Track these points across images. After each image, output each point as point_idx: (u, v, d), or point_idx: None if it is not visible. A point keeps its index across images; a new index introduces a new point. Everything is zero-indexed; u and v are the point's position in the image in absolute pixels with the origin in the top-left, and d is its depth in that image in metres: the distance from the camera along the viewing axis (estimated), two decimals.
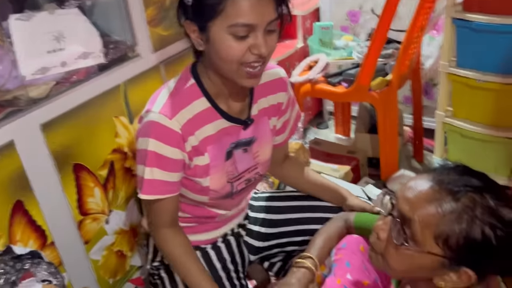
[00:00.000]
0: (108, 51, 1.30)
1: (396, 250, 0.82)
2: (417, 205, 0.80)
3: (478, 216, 0.76)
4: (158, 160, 1.05)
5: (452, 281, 0.80)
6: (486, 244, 0.76)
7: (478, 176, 0.83)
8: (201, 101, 1.08)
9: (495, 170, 1.88)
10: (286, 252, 1.41)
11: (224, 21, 0.94)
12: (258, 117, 1.18)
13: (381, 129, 1.96)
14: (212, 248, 1.31)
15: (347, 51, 2.15)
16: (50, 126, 1.14)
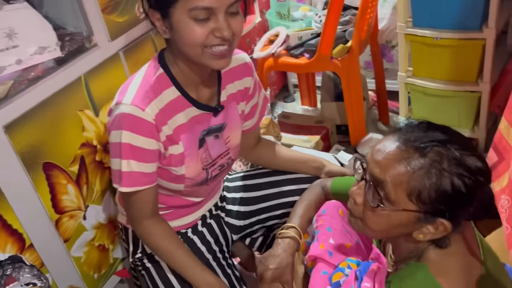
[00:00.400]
0: (64, 44, 1.26)
1: (373, 212, 0.85)
2: (387, 166, 0.82)
3: (445, 168, 0.79)
4: (134, 152, 1.04)
5: (430, 232, 0.84)
6: (457, 194, 0.79)
7: (441, 129, 0.86)
8: (171, 90, 1.07)
9: (458, 124, 1.94)
10: (266, 226, 1.43)
11: (184, 5, 0.94)
12: (227, 103, 1.18)
13: (346, 96, 1.98)
14: (193, 232, 1.32)
15: (305, 21, 2.15)
16: (13, 127, 1.10)
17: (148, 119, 1.03)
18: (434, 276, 0.85)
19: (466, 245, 0.91)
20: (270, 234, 1.48)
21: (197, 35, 0.96)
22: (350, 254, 1.12)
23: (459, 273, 0.86)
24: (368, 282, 0.90)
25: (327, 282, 1.05)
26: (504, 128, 1.39)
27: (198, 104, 1.11)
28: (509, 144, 1.36)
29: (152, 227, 1.15)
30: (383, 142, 0.87)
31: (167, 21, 0.98)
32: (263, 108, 1.35)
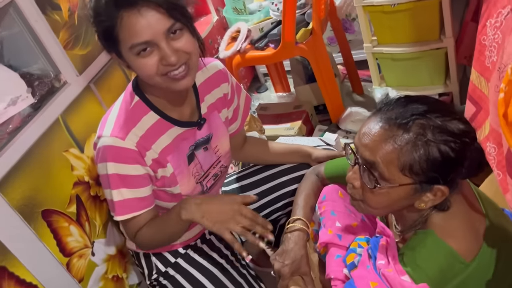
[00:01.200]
0: (35, 89, 1.25)
1: (372, 192, 0.88)
2: (375, 148, 0.85)
3: (430, 138, 0.82)
4: (123, 181, 1.06)
5: (430, 200, 0.87)
6: (446, 159, 0.83)
7: (420, 101, 0.89)
8: (150, 115, 1.08)
9: (431, 82, 1.99)
10: (271, 220, 1.46)
11: (124, 44, 0.95)
12: (208, 114, 1.20)
13: (318, 76, 2.01)
14: (202, 242, 1.34)
15: (263, 12, 2.16)
16: (4, 184, 1.09)
17: (130, 147, 1.05)
18: (442, 239, 0.89)
19: (466, 201, 0.95)
20: (277, 225, 1.51)
21: (148, 68, 0.97)
22: (358, 233, 1.15)
23: (465, 231, 0.90)
24: (382, 258, 0.93)
25: (342, 265, 1.08)
26: (475, 78, 1.44)
27: (179, 122, 1.12)
28: (483, 93, 1.41)
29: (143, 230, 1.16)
30: (367, 125, 0.89)
31: (123, 59, 1.00)
32: (245, 109, 1.37)
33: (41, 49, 1.27)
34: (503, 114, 0.81)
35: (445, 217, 0.92)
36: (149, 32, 0.92)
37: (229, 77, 1.27)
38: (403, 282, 0.85)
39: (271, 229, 1.11)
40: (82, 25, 1.40)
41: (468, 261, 0.87)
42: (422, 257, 0.89)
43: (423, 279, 0.86)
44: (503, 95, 0.82)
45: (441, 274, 0.87)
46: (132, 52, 0.95)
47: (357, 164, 0.91)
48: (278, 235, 1.52)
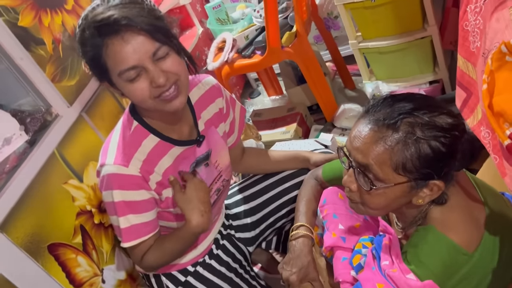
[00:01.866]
0: (27, 126, 1.26)
1: (369, 194, 0.89)
2: (367, 150, 0.86)
3: (420, 135, 0.83)
4: (129, 207, 1.07)
5: (427, 195, 0.88)
6: (438, 154, 0.84)
7: (406, 99, 0.90)
8: (150, 138, 1.09)
9: (420, 71, 2.00)
10: (276, 228, 1.46)
11: (113, 72, 0.97)
12: (206, 130, 1.21)
13: (308, 78, 2.02)
14: (210, 258, 1.34)
15: (246, 19, 2.17)
16: (7, 224, 1.10)
17: (134, 173, 1.06)
18: (443, 233, 0.90)
19: (464, 192, 0.96)
20: (282, 231, 1.52)
21: (139, 93, 0.98)
22: (361, 233, 1.16)
23: (465, 222, 0.91)
24: (387, 259, 0.94)
25: (349, 267, 1.09)
26: (462, 63, 1.44)
27: (179, 142, 1.14)
28: (472, 78, 1.41)
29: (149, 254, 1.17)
30: (356, 128, 0.91)
31: (115, 86, 1.01)
32: (241, 121, 1.38)
33: (30, 85, 1.28)
34: (488, 105, 0.82)
35: (443, 210, 0.92)
36: (135, 57, 0.93)
37: (223, 91, 1.28)
38: (409, 281, 0.85)
39: None
40: (68, 57, 1.41)
41: (471, 251, 0.88)
42: (424, 254, 0.89)
43: (428, 275, 0.86)
44: (486, 86, 0.83)
45: (445, 268, 0.87)
46: (122, 79, 0.96)
47: (352, 167, 0.92)
48: (284, 242, 1.53)
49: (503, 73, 0.81)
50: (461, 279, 0.89)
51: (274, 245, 1.55)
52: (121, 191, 1.06)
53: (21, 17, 1.27)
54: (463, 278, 0.89)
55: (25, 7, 1.29)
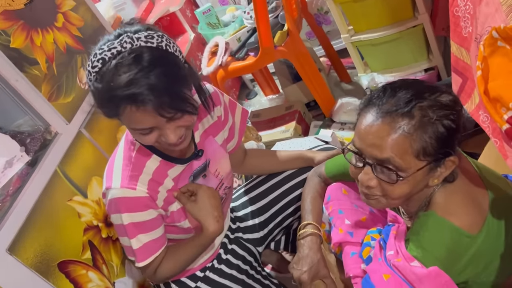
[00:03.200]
0: (28, 147, 1.26)
1: (393, 186, 0.88)
2: (385, 144, 0.85)
3: (433, 117, 0.84)
4: (139, 228, 1.08)
5: (442, 173, 0.89)
6: (451, 131, 0.85)
7: (405, 86, 0.90)
8: (153, 159, 1.10)
9: (414, 60, 2.00)
10: (284, 227, 1.47)
11: (125, 123, 0.97)
12: (202, 142, 1.21)
13: (303, 75, 2.02)
14: (219, 262, 1.35)
15: (237, 22, 2.17)
16: (15, 246, 1.10)
17: (141, 195, 1.07)
18: (443, 218, 0.89)
19: (466, 177, 0.96)
20: (290, 231, 1.52)
21: (146, 141, 0.98)
22: (368, 226, 1.16)
23: (466, 205, 0.91)
24: (392, 248, 0.94)
25: (359, 261, 1.09)
26: (456, 49, 1.44)
27: (181, 160, 1.14)
28: (466, 63, 1.41)
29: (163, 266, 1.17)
30: (365, 124, 0.89)
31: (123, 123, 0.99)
32: (242, 124, 1.37)
33: (27, 106, 1.28)
34: (483, 91, 0.82)
35: (446, 195, 0.93)
36: (152, 122, 0.93)
37: (221, 98, 1.27)
38: (413, 269, 0.85)
39: None
40: (62, 74, 1.41)
41: (474, 233, 0.87)
42: (426, 240, 0.89)
43: (432, 261, 0.86)
44: (480, 73, 0.83)
45: (449, 252, 0.87)
46: (133, 131, 0.97)
47: (368, 164, 0.90)
48: (293, 241, 1.53)
49: (496, 58, 0.81)
50: (467, 263, 0.89)
51: (283, 245, 1.56)
52: (129, 214, 1.07)
53: (13, 38, 1.28)
54: (469, 262, 0.89)
55: (16, 28, 1.30)
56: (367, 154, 0.89)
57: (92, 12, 1.69)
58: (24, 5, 1.34)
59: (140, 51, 0.89)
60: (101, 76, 0.90)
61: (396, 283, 0.85)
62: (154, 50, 0.91)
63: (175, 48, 0.96)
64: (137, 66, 0.88)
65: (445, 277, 0.82)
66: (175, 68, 0.93)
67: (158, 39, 0.93)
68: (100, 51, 0.91)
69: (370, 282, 0.90)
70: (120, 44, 0.90)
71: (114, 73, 0.88)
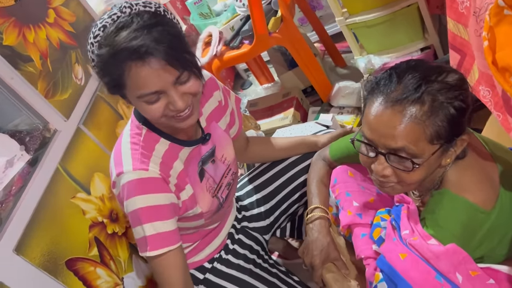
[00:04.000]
0: (28, 145, 1.24)
1: (409, 173, 0.87)
2: (399, 134, 0.83)
3: (444, 100, 0.82)
4: (154, 212, 1.03)
5: (454, 153, 0.88)
6: (461, 111, 0.84)
7: (410, 69, 0.87)
8: (161, 142, 1.08)
9: (410, 39, 1.99)
10: (290, 213, 1.46)
11: (131, 92, 0.95)
12: (208, 126, 1.20)
13: (298, 60, 2.01)
14: (226, 253, 1.34)
15: (229, 10, 2.15)
16: (22, 246, 1.09)
17: (155, 176, 1.04)
18: (458, 195, 0.89)
19: (475, 152, 0.95)
20: (296, 217, 1.52)
21: (154, 112, 0.97)
22: (377, 207, 1.16)
23: (480, 181, 0.91)
24: (406, 228, 0.93)
25: (370, 242, 1.09)
26: (453, 26, 1.43)
27: (187, 142, 1.13)
28: (464, 39, 1.40)
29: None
30: (374, 114, 0.87)
31: (126, 99, 1.00)
32: (238, 110, 1.37)
33: (24, 104, 1.26)
34: (492, 62, 0.81)
35: (458, 172, 0.92)
36: (158, 83, 0.92)
37: (218, 83, 1.26)
38: (431, 247, 0.85)
39: None
40: (57, 70, 1.39)
41: (489, 209, 0.88)
42: (442, 217, 0.89)
43: (449, 238, 0.86)
44: (487, 43, 0.82)
45: (464, 229, 0.87)
46: (141, 100, 0.95)
47: (381, 154, 0.89)
48: (299, 227, 1.53)
49: (502, 27, 0.80)
50: (483, 238, 0.89)
51: (288, 232, 1.55)
52: (144, 196, 1.02)
53: (5, 36, 1.25)
54: (484, 237, 0.89)
55: (8, 25, 1.27)
56: (379, 144, 0.87)
57: (83, 7, 1.67)
58: (15, 1, 1.31)
59: (140, 13, 0.93)
60: (103, 40, 0.91)
61: (413, 261, 0.85)
62: (153, 13, 0.95)
63: (173, 16, 0.99)
64: (137, 23, 0.90)
65: (463, 253, 0.82)
66: (176, 28, 0.96)
67: (156, 5, 0.96)
68: (100, 21, 0.94)
69: (386, 262, 0.90)
70: (120, 10, 0.93)
71: (115, 34, 0.90)
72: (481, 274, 0.81)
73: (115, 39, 0.89)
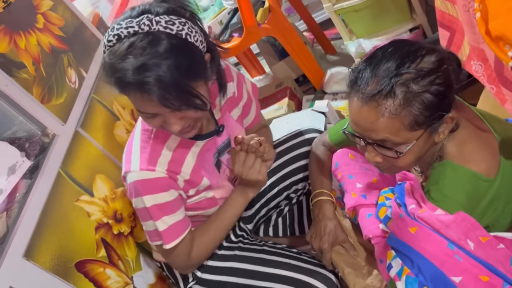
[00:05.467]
0: (28, 151, 1.24)
1: (397, 158, 0.90)
2: (377, 127, 0.87)
3: (417, 89, 0.84)
4: (162, 209, 1.07)
5: (444, 130, 0.90)
6: (440, 94, 0.85)
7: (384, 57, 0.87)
8: (172, 139, 1.09)
9: (398, 21, 2.00)
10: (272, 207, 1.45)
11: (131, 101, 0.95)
12: (222, 117, 1.20)
13: (289, 50, 2.01)
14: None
15: (216, 5, 2.15)
16: (32, 251, 1.09)
17: (161, 176, 1.06)
18: (461, 165, 0.91)
19: (472, 124, 0.97)
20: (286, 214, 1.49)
21: (152, 125, 0.98)
22: (380, 187, 1.17)
23: (481, 151, 0.92)
24: (412, 203, 0.95)
25: (377, 221, 1.10)
26: (440, 3, 1.44)
27: (200, 136, 1.13)
28: (453, 16, 1.42)
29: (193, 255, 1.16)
30: (353, 110, 0.90)
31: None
32: (256, 98, 1.35)
33: (20, 110, 1.26)
34: (485, 32, 0.82)
35: (457, 144, 0.94)
36: (155, 110, 0.92)
37: (233, 73, 1.24)
38: (439, 217, 0.86)
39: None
40: (51, 75, 1.38)
41: (492, 177, 0.89)
42: (447, 187, 0.91)
43: (456, 206, 0.88)
44: (479, 14, 0.83)
45: (469, 197, 0.89)
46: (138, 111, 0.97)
47: (369, 144, 0.92)
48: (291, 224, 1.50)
49: None
50: (487, 206, 0.90)
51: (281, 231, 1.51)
52: (152, 196, 1.05)
53: None
54: (489, 205, 0.90)
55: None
56: (365, 136, 0.90)
57: (71, 11, 1.66)
58: (3, 8, 1.30)
59: (157, 35, 0.86)
60: (113, 53, 0.88)
61: (424, 233, 0.86)
62: (172, 37, 0.87)
63: (196, 38, 0.91)
64: (150, 51, 0.85)
65: (471, 220, 0.83)
66: (190, 60, 0.90)
67: (178, 27, 0.89)
68: (118, 26, 0.89)
69: (396, 238, 0.91)
70: (138, 25, 0.87)
71: (125, 53, 0.86)
72: (491, 239, 0.82)
73: (123, 59, 0.86)
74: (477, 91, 1.52)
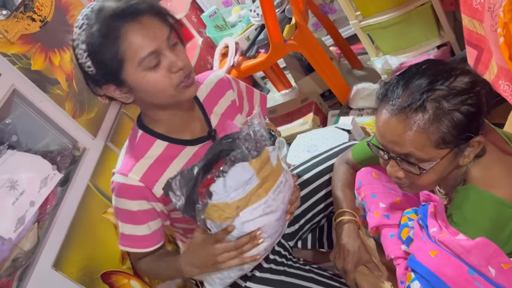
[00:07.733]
0: (59, 164, 1.29)
1: (419, 176, 0.89)
2: (403, 141, 0.86)
3: (447, 107, 0.83)
4: (124, 215, 1.08)
5: (470, 153, 0.89)
6: (470, 116, 0.84)
7: (417, 73, 0.88)
8: (157, 144, 1.09)
9: (426, 38, 1.98)
10: (315, 223, 1.46)
11: (131, 63, 0.95)
12: (222, 123, 1.20)
13: (315, 65, 2.02)
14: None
15: (244, 21, 2.18)
16: (60, 262, 1.13)
17: (132, 183, 1.06)
18: (485, 190, 0.89)
19: (498, 148, 0.95)
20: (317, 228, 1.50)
21: (160, 81, 0.98)
22: (404, 207, 1.16)
23: (505, 178, 0.91)
24: (434, 225, 0.94)
25: (399, 242, 1.09)
26: (468, 22, 1.43)
27: (191, 141, 1.13)
28: (480, 35, 1.40)
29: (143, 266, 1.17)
30: (381, 121, 0.90)
31: (124, 87, 1.00)
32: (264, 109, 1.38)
33: (53, 125, 1.31)
34: (508, 57, 0.82)
35: (482, 169, 0.92)
36: (154, 42, 0.95)
37: (233, 83, 1.26)
38: (460, 242, 0.85)
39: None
40: (83, 91, 1.44)
41: None
42: (470, 212, 0.89)
43: (478, 232, 0.86)
44: (503, 40, 0.83)
45: (493, 223, 0.87)
46: (142, 68, 0.96)
47: (392, 158, 0.92)
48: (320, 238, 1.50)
49: None
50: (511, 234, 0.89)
51: (310, 243, 1.52)
52: (117, 198, 1.08)
53: (33, 61, 1.31)
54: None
55: (35, 51, 1.32)
56: (390, 149, 0.90)
57: None
58: (40, 27, 1.37)
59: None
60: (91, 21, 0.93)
61: (444, 257, 0.85)
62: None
63: None
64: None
65: (493, 246, 0.82)
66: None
67: None
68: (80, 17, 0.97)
69: (417, 261, 0.91)
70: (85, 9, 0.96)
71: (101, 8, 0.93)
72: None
73: (102, 12, 0.92)
74: (506, 111, 1.49)
